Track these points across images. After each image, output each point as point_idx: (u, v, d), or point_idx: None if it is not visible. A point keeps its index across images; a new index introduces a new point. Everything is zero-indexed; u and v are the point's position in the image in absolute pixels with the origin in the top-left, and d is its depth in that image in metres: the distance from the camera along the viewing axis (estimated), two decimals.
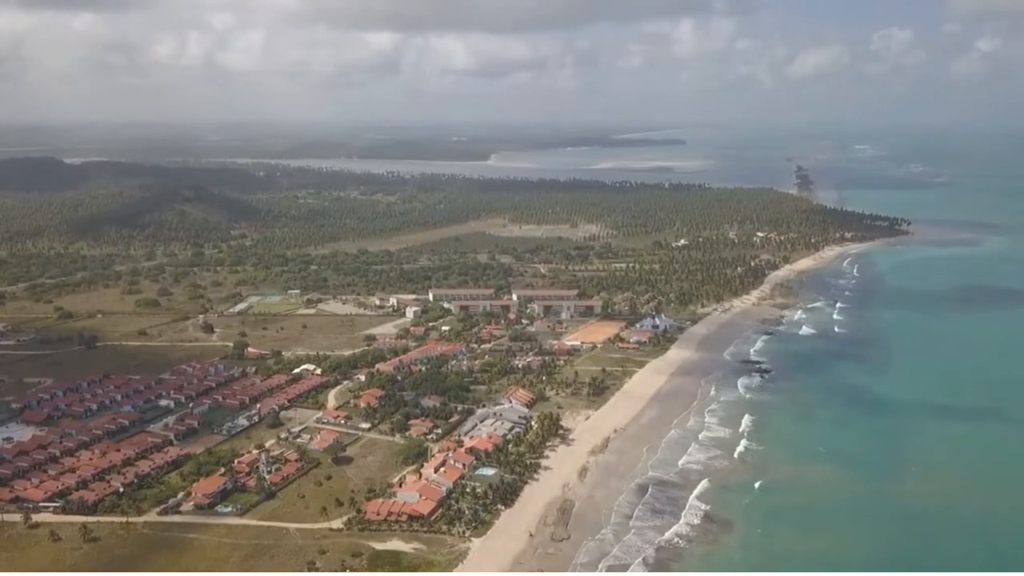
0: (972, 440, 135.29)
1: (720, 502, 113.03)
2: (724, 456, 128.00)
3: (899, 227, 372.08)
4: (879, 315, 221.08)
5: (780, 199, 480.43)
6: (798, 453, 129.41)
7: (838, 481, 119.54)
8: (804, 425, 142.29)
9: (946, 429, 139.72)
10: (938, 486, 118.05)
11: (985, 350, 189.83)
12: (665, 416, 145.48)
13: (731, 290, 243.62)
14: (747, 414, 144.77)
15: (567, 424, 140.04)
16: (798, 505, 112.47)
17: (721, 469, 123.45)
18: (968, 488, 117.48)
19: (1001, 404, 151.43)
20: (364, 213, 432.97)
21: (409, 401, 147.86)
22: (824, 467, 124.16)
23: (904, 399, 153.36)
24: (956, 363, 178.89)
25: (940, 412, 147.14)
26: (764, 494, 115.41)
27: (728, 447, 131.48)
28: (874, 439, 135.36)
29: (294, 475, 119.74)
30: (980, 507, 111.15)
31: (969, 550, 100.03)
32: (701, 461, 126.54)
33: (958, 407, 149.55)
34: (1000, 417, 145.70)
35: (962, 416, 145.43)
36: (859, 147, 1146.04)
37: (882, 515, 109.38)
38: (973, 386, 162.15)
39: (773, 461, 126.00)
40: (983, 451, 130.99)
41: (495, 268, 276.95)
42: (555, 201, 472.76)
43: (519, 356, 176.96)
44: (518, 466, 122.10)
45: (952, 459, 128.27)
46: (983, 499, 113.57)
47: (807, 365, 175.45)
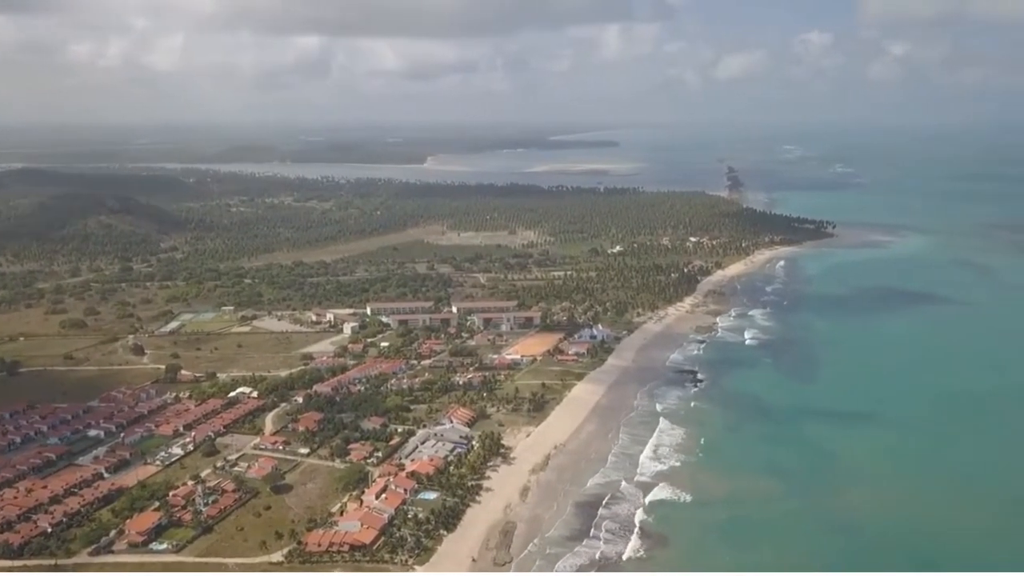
0: (896, 447, 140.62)
1: (657, 517, 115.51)
2: (661, 470, 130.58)
3: (825, 230, 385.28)
4: (808, 321, 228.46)
5: (712, 203, 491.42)
6: (732, 465, 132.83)
7: (771, 493, 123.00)
8: (737, 436, 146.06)
9: (872, 436, 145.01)
10: (867, 495, 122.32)
11: (907, 355, 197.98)
12: (603, 430, 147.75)
13: (665, 298, 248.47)
14: (682, 426, 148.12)
15: (508, 442, 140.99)
16: (732, 519, 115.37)
17: (658, 483, 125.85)
18: (895, 496, 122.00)
19: (923, 410, 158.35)
20: (299, 221, 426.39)
21: (348, 424, 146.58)
22: (757, 479, 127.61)
23: (832, 408, 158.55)
24: (881, 369, 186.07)
25: (866, 420, 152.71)
26: (699, 508, 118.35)
27: (664, 460, 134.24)
28: (804, 449, 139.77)
29: (232, 507, 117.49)
30: (907, 514, 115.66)
31: (898, 558, 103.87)
32: (638, 475, 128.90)
33: (883, 414, 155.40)
34: (923, 423, 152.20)
35: (886, 423, 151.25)
36: (786, 148, 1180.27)
37: (813, 527, 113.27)
38: (897, 393, 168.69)
39: (708, 474, 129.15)
40: (908, 458, 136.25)
41: (434, 279, 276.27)
42: (493, 207, 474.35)
43: (460, 372, 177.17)
44: (460, 489, 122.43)
45: (879, 467, 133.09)
46: (910, 506, 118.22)
47: (739, 374, 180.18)
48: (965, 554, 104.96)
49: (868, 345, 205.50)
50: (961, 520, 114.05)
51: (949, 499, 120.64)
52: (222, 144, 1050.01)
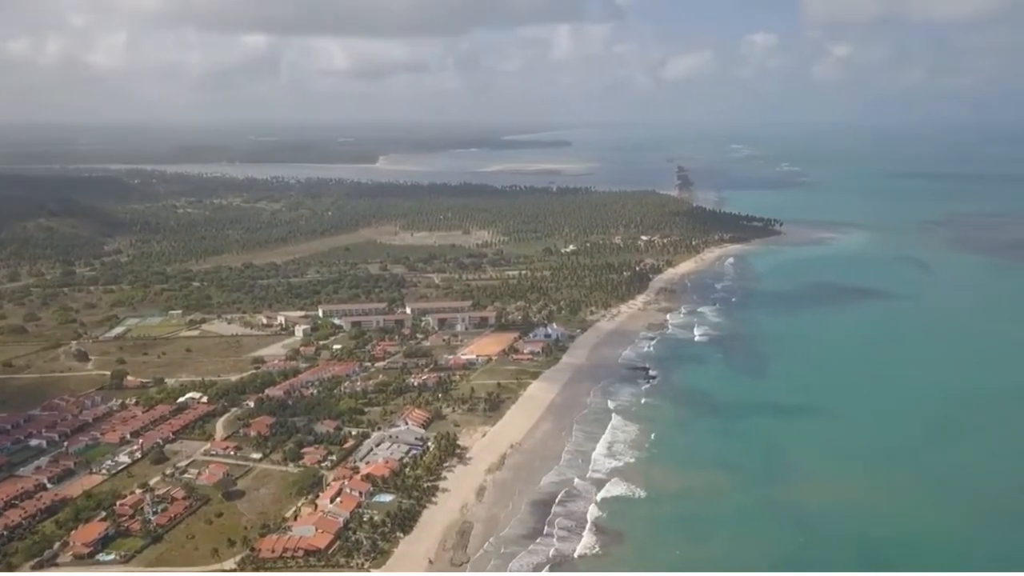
0: (843, 439, 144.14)
1: (611, 513, 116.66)
2: (615, 466, 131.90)
3: (773, 228, 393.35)
4: (757, 317, 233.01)
5: (663, 202, 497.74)
6: (685, 460, 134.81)
7: (723, 487, 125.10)
8: (689, 431, 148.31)
9: (819, 429, 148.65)
10: (816, 487, 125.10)
11: (852, 348, 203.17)
12: (558, 428, 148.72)
13: (618, 296, 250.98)
14: (634, 422, 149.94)
15: (464, 442, 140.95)
16: (686, 513, 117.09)
17: (612, 480, 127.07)
18: (845, 487, 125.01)
19: (868, 402, 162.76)
20: (248, 223, 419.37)
21: (301, 427, 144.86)
22: (710, 473, 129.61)
23: (781, 401, 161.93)
24: (827, 363, 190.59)
25: (813, 412, 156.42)
26: (653, 504, 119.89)
27: (619, 457, 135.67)
28: (754, 442, 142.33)
29: (182, 514, 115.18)
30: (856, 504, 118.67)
31: (846, 549, 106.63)
32: (593, 472, 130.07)
33: (830, 407, 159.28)
34: (868, 415, 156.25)
35: (833, 416, 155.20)
36: (734, 147, 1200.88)
37: (766, 519, 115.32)
38: (844, 386, 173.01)
39: (661, 469, 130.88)
40: (854, 450, 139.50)
41: (388, 280, 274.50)
42: (446, 207, 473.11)
43: (414, 373, 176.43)
44: (416, 490, 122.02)
45: (827, 459, 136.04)
46: (859, 497, 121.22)
47: (690, 370, 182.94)
48: (915, 541, 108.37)
49: (815, 339, 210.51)
50: (910, 509, 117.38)
51: (897, 489, 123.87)
52: (168, 144, 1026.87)
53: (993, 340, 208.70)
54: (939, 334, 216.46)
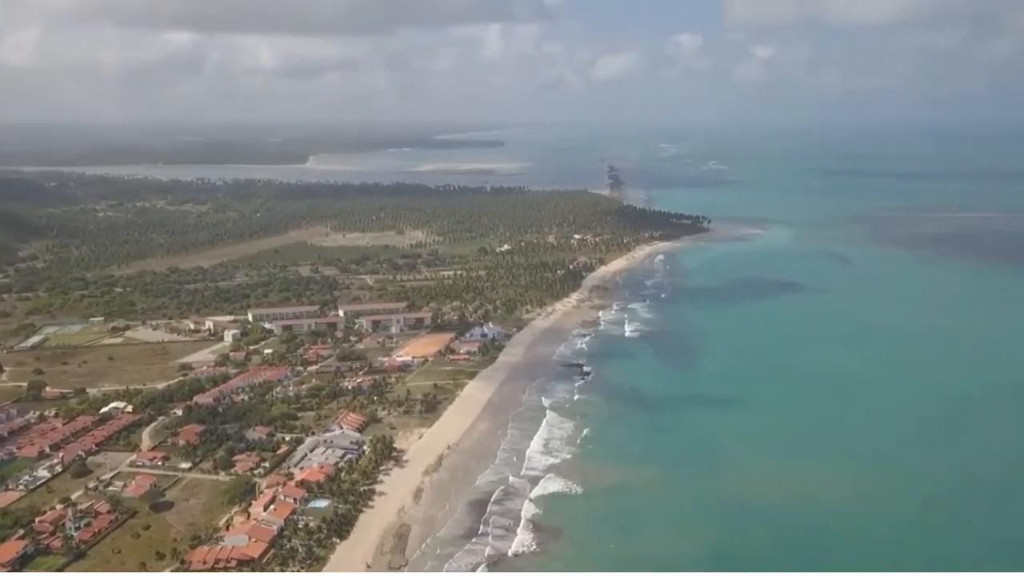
0: (771, 428, 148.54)
1: (548, 510, 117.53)
2: (551, 463, 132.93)
3: (701, 225, 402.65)
4: (687, 312, 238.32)
5: (594, 201, 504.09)
6: (620, 455, 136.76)
7: (659, 480, 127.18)
8: (624, 426, 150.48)
9: (749, 420, 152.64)
10: (749, 477, 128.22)
11: (778, 340, 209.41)
12: (495, 427, 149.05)
13: (553, 294, 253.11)
14: (570, 419, 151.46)
15: (401, 445, 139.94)
16: (623, 507, 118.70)
17: (548, 477, 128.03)
18: (776, 476, 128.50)
19: (796, 392, 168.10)
20: (173, 226, 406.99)
21: (233, 435, 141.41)
22: (645, 467, 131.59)
23: (711, 394, 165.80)
24: (754, 355, 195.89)
25: (743, 404, 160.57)
26: (590, 499, 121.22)
27: (554, 454, 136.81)
28: (688, 434, 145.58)
29: (107, 529, 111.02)
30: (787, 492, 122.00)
31: (779, 537, 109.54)
32: (529, 470, 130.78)
33: (758, 398, 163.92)
34: (795, 404, 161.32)
35: (761, 406, 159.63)
36: (663, 146, 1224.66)
37: (701, 510, 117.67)
38: (772, 377, 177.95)
39: (597, 465, 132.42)
40: (783, 439, 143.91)
41: (319, 282, 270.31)
42: (379, 207, 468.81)
43: (348, 377, 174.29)
44: (352, 495, 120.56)
45: (757, 449, 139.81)
46: (790, 485, 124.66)
47: (623, 365, 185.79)
48: (846, 526, 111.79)
49: (742, 333, 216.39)
50: (838, 495, 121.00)
51: (826, 476, 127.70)
52: (86, 145, 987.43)
53: (911, 329, 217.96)
54: (860, 325, 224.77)
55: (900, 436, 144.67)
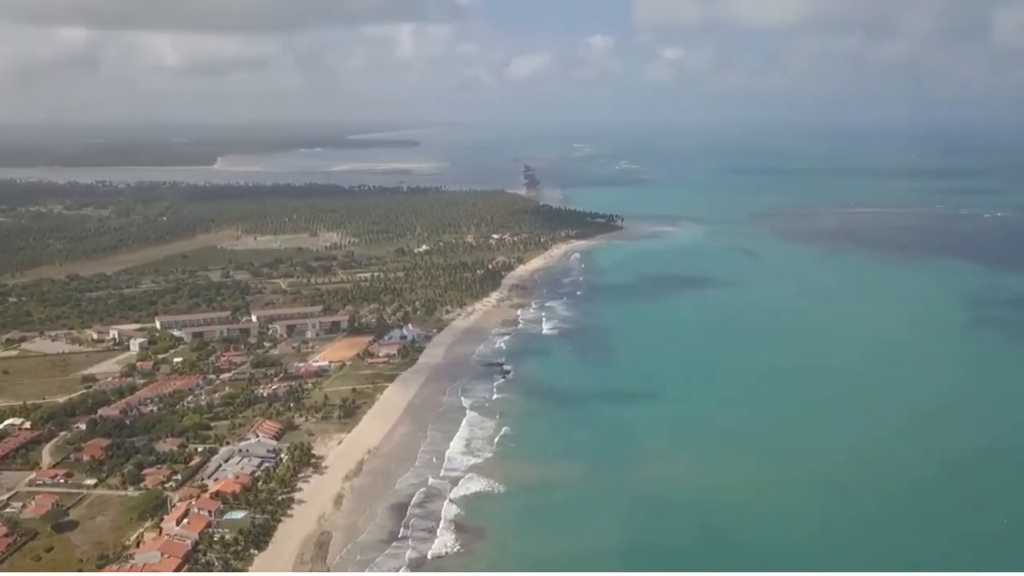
0: (688, 420, 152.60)
1: (471, 510, 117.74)
2: (473, 463, 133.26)
3: (615, 223, 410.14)
4: (603, 308, 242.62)
5: (511, 200, 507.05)
6: (542, 452, 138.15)
7: (580, 476, 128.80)
8: (545, 423, 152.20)
9: (666, 412, 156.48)
10: (668, 469, 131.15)
11: (692, 333, 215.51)
12: (416, 430, 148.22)
13: (472, 294, 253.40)
14: (491, 418, 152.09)
15: (319, 451, 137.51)
16: (547, 504, 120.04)
17: (470, 477, 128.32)
18: (694, 467, 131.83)
19: (711, 384, 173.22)
20: (72, 231, 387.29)
21: (141, 448, 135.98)
22: (566, 463, 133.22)
23: (629, 388, 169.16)
24: (670, 348, 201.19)
25: (659, 397, 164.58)
26: (513, 497, 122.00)
27: (476, 453, 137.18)
28: (608, 429, 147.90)
29: (5, 553, 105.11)
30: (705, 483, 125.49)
31: (698, 529, 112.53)
32: (451, 471, 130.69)
33: (674, 391, 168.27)
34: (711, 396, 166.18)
35: (678, 399, 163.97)
36: (576, 146, 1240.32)
37: (623, 503, 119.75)
38: (686, 370, 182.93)
39: (519, 463, 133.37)
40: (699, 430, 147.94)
41: (230, 287, 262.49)
42: (292, 208, 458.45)
43: (263, 384, 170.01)
44: (270, 504, 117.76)
45: (675, 441, 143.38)
46: (708, 476, 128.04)
47: (543, 362, 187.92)
48: (760, 514, 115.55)
49: (657, 327, 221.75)
50: (753, 485, 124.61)
51: (741, 466, 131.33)
52: None
53: (818, 320, 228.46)
54: (768, 316, 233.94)
55: (810, 423, 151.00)
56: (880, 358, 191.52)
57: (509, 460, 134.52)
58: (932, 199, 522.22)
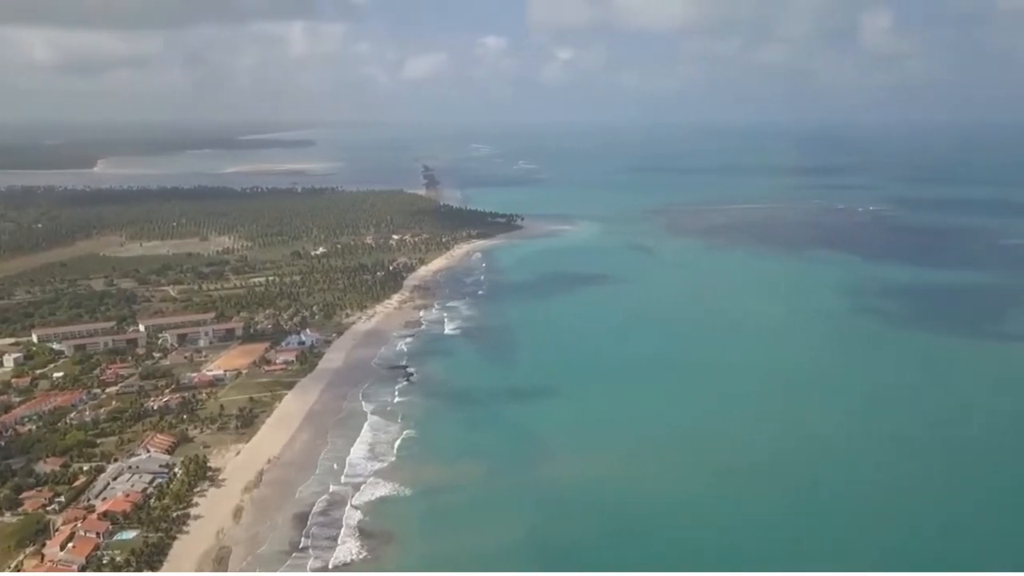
0: (591, 416, 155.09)
1: (377, 515, 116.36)
2: (377, 468, 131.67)
3: (515, 223, 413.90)
4: (505, 307, 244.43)
5: (411, 200, 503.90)
6: (447, 453, 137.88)
7: (487, 474, 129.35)
8: (449, 424, 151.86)
9: (569, 408, 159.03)
10: (573, 465, 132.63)
11: (593, 329, 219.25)
12: (319, 436, 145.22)
13: (373, 296, 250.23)
14: (395, 421, 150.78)
15: (216, 464, 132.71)
16: (454, 505, 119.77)
17: (375, 482, 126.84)
18: (599, 462, 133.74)
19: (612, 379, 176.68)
20: None
21: (19, 470, 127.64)
22: (472, 462, 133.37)
23: (533, 385, 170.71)
24: (571, 345, 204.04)
25: (563, 393, 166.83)
26: (419, 500, 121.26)
27: (380, 458, 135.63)
28: (512, 427, 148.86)
29: None
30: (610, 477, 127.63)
31: (603, 522, 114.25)
32: (354, 476, 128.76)
33: (577, 387, 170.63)
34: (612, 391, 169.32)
35: (581, 394, 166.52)
36: (475, 146, 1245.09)
37: (530, 500, 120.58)
38: (589, 365, 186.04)
39: (425, 465, 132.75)
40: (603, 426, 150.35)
41: (115, 296, 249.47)
42: (180, 212, 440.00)
43: (153, 396, 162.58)
44: (164, 522, 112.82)
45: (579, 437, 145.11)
46: (612, 470, 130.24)
47: (446, 363, 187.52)
48: (665, 505, 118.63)
49: (558, 324, 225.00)
50: (656, 476, 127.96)
51: (647, 459, 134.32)
52: None
53: (710, 313, 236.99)
54: (664, 310, 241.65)
55: (705, 412, 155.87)
56: (768, 347, 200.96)
57: (413, 463, 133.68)
58: (811, 194, 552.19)
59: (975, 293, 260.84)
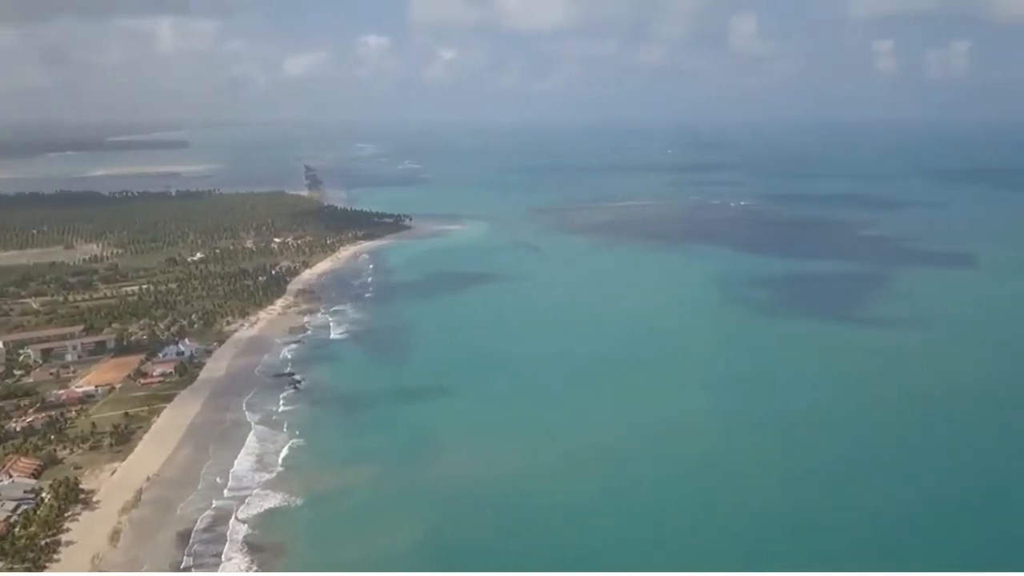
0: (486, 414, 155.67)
1: (267, 528, 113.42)
2: (266, 478, 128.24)
3: (403, 223, 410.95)
4: (395, 308, 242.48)
5: (293, 202, 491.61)
6: (338, 459, 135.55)
7: (381, 478, 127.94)
8: (339, 430, 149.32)
9: (462, 407, 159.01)
10: (467, 462, 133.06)
11: (485, 328, 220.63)
12: (201, 450, 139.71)
13: (256, 302, 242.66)
14: (283, 431, 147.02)
15: (89, 485, 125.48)
16: (348, 510, 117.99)
17: (265, 493, 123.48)
18: (493, 459, 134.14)
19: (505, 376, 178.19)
20: None
21: None
22: (365, 467, 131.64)
23: (424, 386, 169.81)
24: (463, 345, 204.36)
25: (455, 392, 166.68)
26: (312, 509, 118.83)
27: (269, 468, 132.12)
28: (404, 429, 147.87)
29: None
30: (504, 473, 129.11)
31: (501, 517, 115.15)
32: (240, 489, 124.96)
33: (470, 386, 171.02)
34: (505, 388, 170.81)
35: (474, 393, 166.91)
36: (359, 145, 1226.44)
37: (426, 500, 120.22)
38: (481, 364, 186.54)
39: (315, 473, 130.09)
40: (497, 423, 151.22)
41: None
42: (41, 219, 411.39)
43: (16, 417, 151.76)
44: (31, 551, 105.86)
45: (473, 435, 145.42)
46: (506, 466, 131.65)
47: (335, 368, 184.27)
48: (561, 497, 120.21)
49: (449, 324, 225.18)
50: (551, 470, 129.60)
51: (540, 455, 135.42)
52: None
53: (597, 307, 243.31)
54: (553, 307, 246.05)
55: (596, 404, 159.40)
56: (652, 337, 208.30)
57: (303, 471, 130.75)
58: (688, 191, 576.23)
59: (835, 280, 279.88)
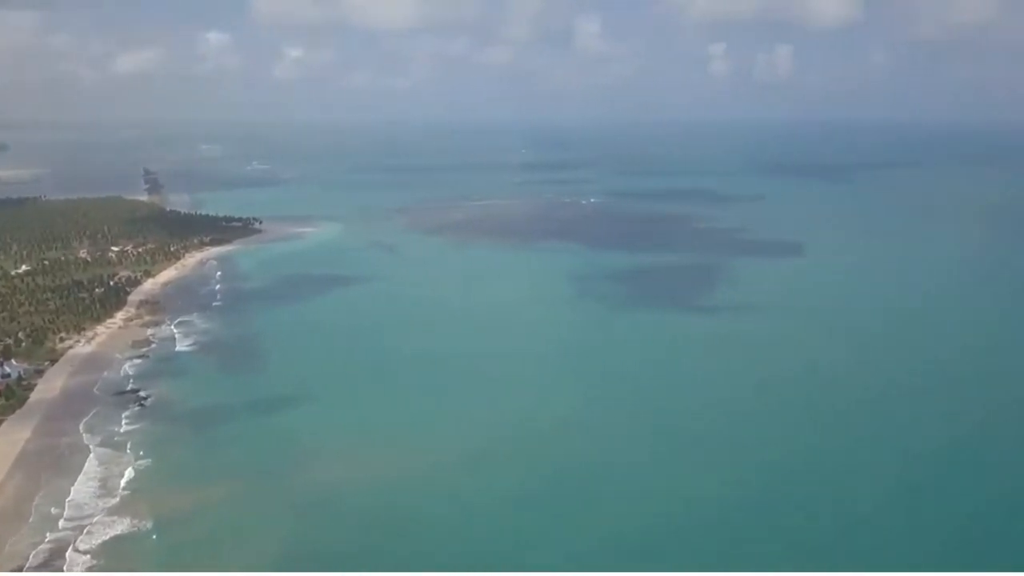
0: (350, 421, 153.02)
1: (113, 556, 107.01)
2: (110, 504, 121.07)
3: (253, 226, 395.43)
4: (247, 316, 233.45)
5: (132, 207, 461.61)
6: (191, 478, 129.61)
7: (242, 493, 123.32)
8: (191, 447, 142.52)
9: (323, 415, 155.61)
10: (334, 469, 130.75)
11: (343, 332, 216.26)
12: (32, 480, 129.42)
13: (93, 316, 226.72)
14: (128, 452, 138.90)
15: None
16: (202, 531, 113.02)
17: (110, 519, 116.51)
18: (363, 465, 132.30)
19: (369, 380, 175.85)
20: None
21: None
22: (223, 483, 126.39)
23: (282, 395, 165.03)
24: (320, 350, 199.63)
25: (315, 400, 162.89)
26: (163, 532, 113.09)
27: (112, 492, 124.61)
28: (261, 441, 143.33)
29: None
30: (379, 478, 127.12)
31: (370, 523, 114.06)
32: (79, 518, 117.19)
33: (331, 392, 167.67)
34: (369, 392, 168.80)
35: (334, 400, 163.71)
36: (204, 147, 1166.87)
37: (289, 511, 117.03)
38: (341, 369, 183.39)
39: (165, 494, 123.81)
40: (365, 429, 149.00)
41: None
42: None
43: None
44: None
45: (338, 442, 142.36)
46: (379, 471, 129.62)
47: (183, 383, 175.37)
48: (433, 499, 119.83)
49: (306, 330, 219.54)
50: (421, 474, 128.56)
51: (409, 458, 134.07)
52: None
53: (457, 305, 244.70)
54: (413, 307, 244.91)
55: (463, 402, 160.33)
56: (511, 334, 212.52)
57: (151, 494, 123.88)
58: (541, 189, 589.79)
59: (680, 272, 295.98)
